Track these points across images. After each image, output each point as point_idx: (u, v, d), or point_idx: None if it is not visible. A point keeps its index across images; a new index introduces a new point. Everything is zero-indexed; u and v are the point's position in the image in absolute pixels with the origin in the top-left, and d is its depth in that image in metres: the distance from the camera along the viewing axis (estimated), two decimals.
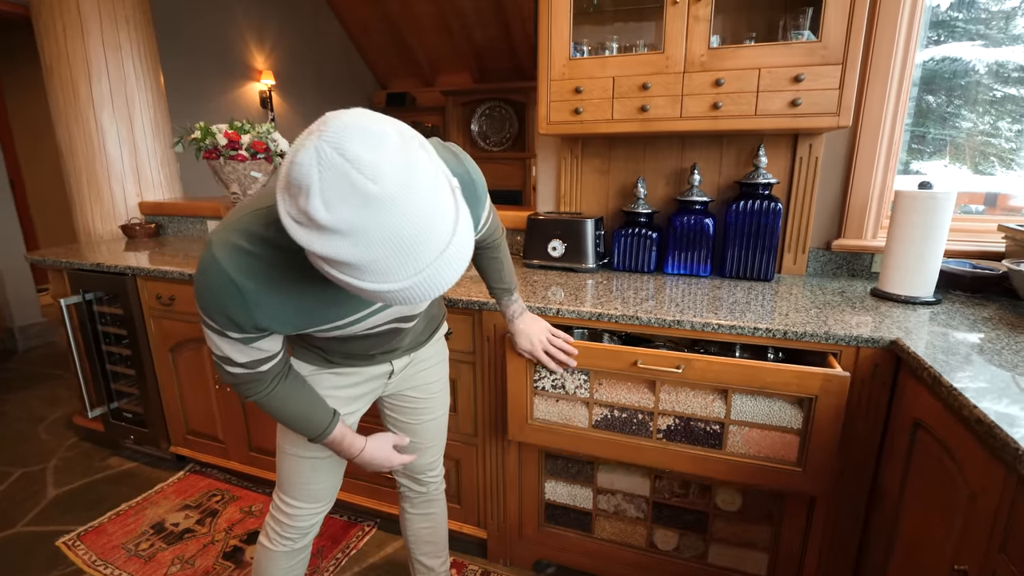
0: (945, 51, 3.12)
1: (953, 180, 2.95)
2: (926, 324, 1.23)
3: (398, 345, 1.09)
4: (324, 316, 0.85)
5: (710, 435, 1.27)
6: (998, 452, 0.75)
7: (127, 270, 1.95)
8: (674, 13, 1.38)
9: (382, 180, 0.55)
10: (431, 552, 1.37)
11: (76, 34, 2.45)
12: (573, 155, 1.81)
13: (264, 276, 0.76)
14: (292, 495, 1.12)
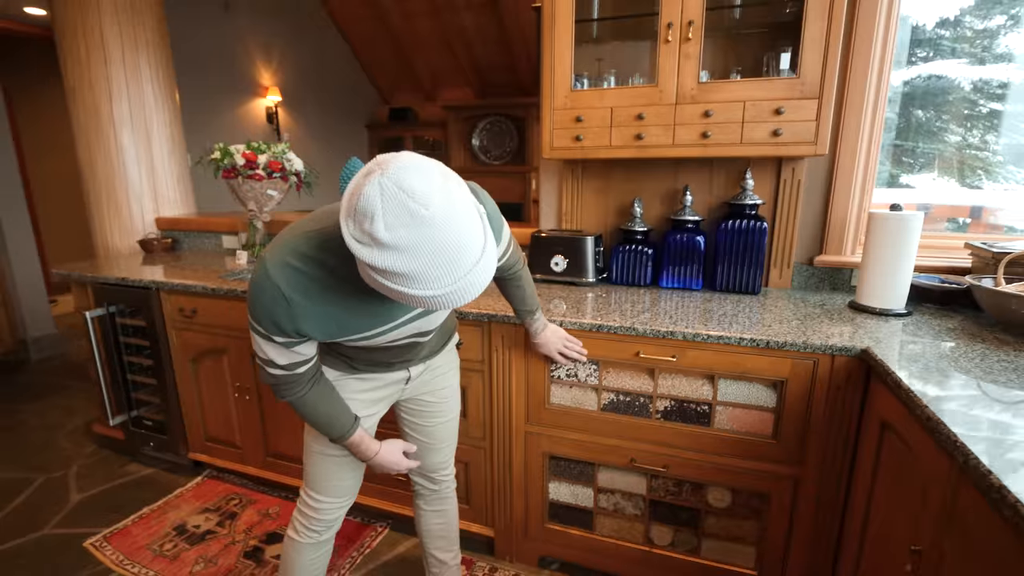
0: (932, 69, 3.28)
1: (941, 192, 3.08)
2: (895, 334, 1.35)
3: (415, 356, 1.21)
4: (356, 326, 0.97)
5: (700, 414, 1.44)
6: (943, 444, 0.87)
7: (151, 284, 2.06)
8: (667, 51, 1.51)
9: (431, 207, 0.69)
10: (443, 546, 1.48)
11: (99, 58, 2.57)
12: (574, 177, 1.94)
13: (308, 290, 0.89)
14: (318, 490, 1.24)
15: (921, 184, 3.36)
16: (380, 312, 0.97)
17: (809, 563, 1.44)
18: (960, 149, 3.03)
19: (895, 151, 3.41)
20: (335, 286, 0.90)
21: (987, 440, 0.83)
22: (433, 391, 1.33)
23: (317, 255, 0.89)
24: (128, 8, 2.59)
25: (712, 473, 1.47)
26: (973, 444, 0.81)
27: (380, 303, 0.96)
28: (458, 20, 5.44)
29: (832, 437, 1.34)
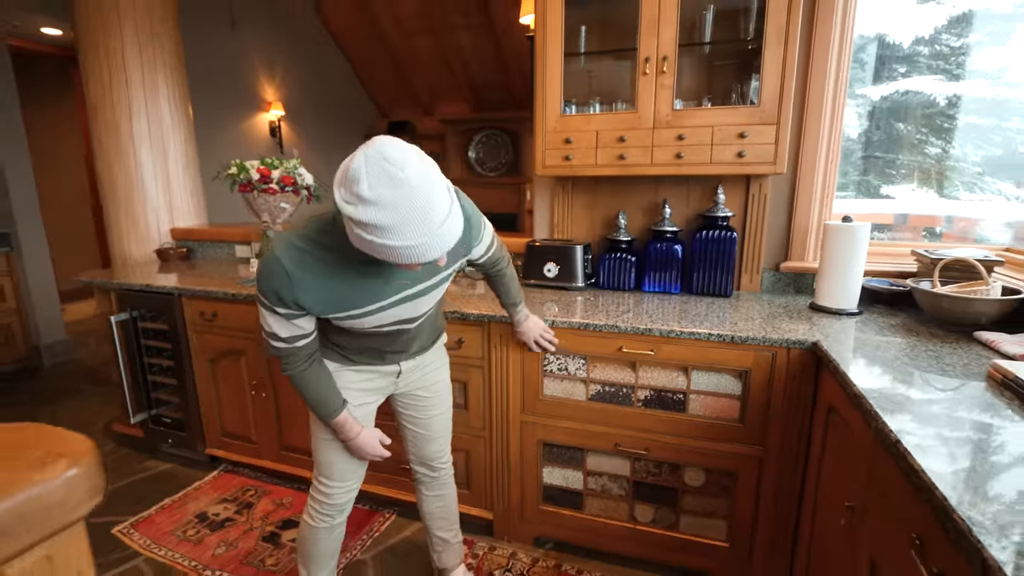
0: (908, 85, 3.51)
1: (919, 203, 3.29)
2: (845, 330, 1.54)
3: (405, 348, 1.35)
4: (348, 301, 1.12)
5: (676, 402, 1.63)
6: (866, 416, 1.06)
7: (174, 290, 2.22)
8: (645, 82, 1.72)
9: (407, 171, 0.88)
10: (444, 527, 1.64)
11: (120, 79, 2.75)
12: (565, 191, 2.14)
13: (307, 266, 1.07)
14: (327, 475, 1.39)
15: (900, 194, 3.57)
16: (369, 290, 1.12)
17: (774, 532, 1.62)
18: (938, 161, 3.25)
19: (876, 163, 3.62)
20: (331, 264, 1.08)
21: (897, 409, 1.02)
22: (425, 386, 1.47)
23: (317, 238, 1.08)
24: (148, 31, 2.77)
25: (688, 455, 1.66)
26: (885, 413, 1.00)
27: (370, 282, 1.11)
28: (455, 40, 5.67)
29: (790, 420, 1.53)
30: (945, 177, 3.24)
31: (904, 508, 0.90)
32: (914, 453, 0.86)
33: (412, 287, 1.18)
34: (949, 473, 0.80)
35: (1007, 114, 2.69)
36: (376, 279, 1.12)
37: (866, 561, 1.06)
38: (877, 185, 3.69)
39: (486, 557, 1.87)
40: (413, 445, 1.54)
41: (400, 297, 1.17)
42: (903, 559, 0.88)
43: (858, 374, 1.21)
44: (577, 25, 1.89)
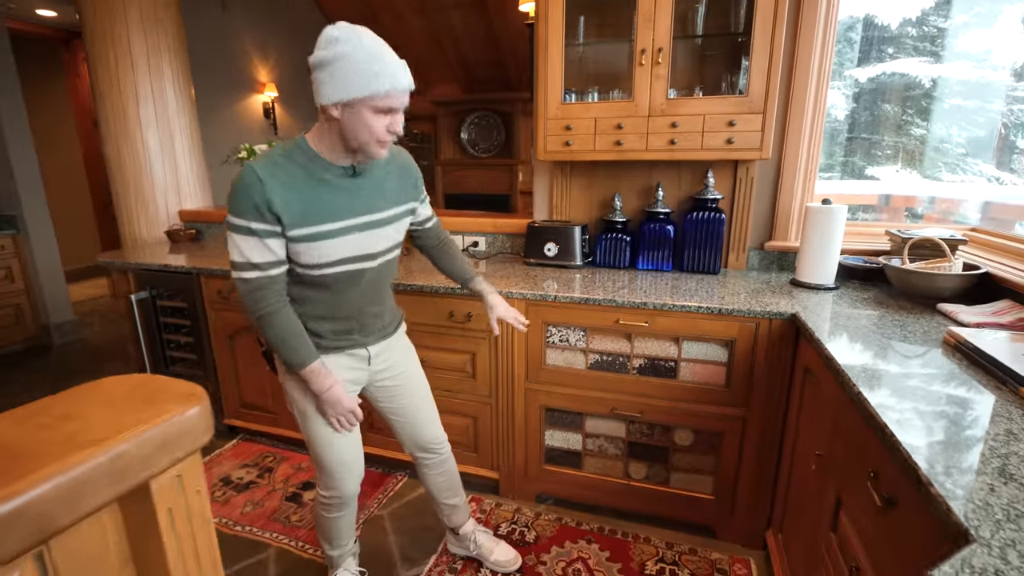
0: (895, 67, 3.63)
1: (903, 183, 3.42)
2: (821, 303, 1.70)
3: (371, 320, 1.39)
4: (315, 213, 1.18)
5: (668, 369, 1.79)
6: (835, 375, 1.22)
7: (193, 269, 2.33)
8: (641, 72, 1.84)
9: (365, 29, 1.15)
10: (450, 494, 1.72)
11: (126, 64, 2.81)
12: (564, 175, 2.26)
13: (276, 174, 1.15)
14: (332, 481, 1.45)
15: (885, 175, 3.72)
16: (335, 204, 1.20)
17: (755, 485, 1.80)
18: (922, 142, 3.38)
19: (862, 144, 3.75)
20: (299, 178, 1.17)
21: (861, 368, 1.18)
22: (395, 374, 1.50)
23: (286, 155, 1.18)
24: (152, 18, 2.82)
25: (678, 417, 1.82)
26: (851, 371, 1.16)
27: (336, 196, 1.21)
28: (447, 19, 5.69)
29: (771, 384, 1.69)
30: (927, 158, 3.38)
31: (863, 448, 1.07)
32: (872, 402, 1.02)
33: (372, 213, 1.27)
34: (899, 418, 0.96)
35: (991, 96, 2.81)
36: (340, 193, 1.21)
37: (832, 499, 1.22)
38: (862, 166, 3.83)
39: (493, 512, 2.04)
40: (404, 434, 1.59)
41: (362, 222, 1.24)
42: (861, 491, 1.05)
43: (830, 340, 1.37)
44: (576, 16, 2.00)
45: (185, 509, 0.70)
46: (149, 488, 0.65)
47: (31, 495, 0.52)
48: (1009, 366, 1.09)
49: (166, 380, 0.72)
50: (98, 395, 0.68)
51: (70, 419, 0.63)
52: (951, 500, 0.73)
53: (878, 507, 0.95)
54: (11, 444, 0.59)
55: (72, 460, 0.55)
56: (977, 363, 1.19)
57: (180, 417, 0.66)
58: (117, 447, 0.59)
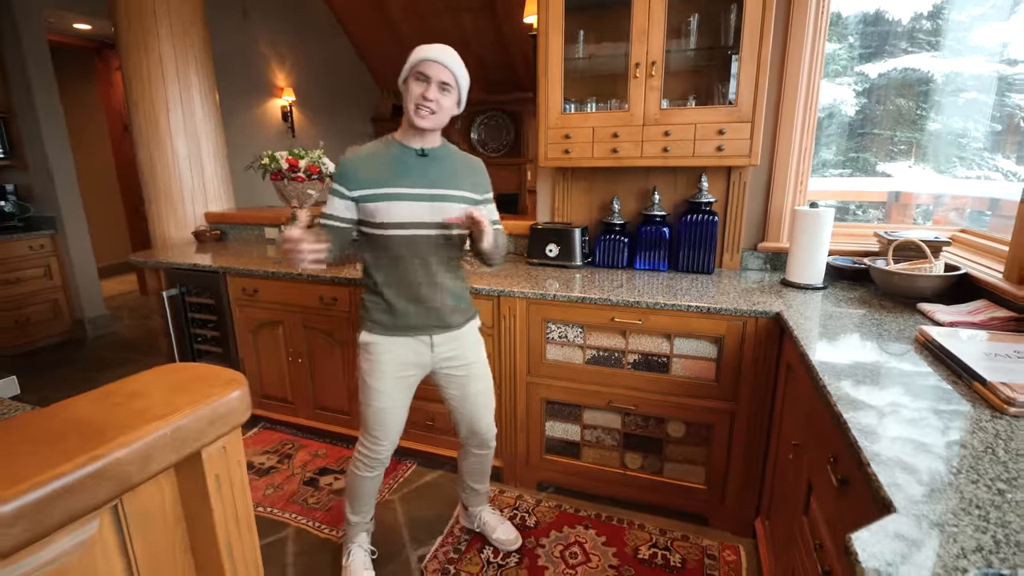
0: (906, 62, 3.67)
1: (915, 180, 3.44)
2: (807, 303, 1.80)
3: (435, 304, 1.55)
4: (381, 179, 1.47)
5: (661, 364, 1.90)
6: (807, 370, 1.32)
7: (220, 268, 2.50)
8: (635, 84, 1.95)
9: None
10: (478, 480, 1.89)
11: (158, 75, 2.98)
12: (565, 179, 2.38)
13: (357, 154, 1.51)
14: (374, 436, 1.64)
15: (897, 171, 3.74)
16: (397, 172, 1.48)
17: (744, 474, 1.91)
18: (936, 137, 3.39)
19: (873, 140, 3.77)
20: (373, 153, 1.51)
21: (832, 363, 1.29)
22: (460, 365, 1.65)
23: (376, 143, 1.55)
24: (181, 31, 2.99)
25: (671, 410, 1.93)
26: (821, 366, 1.27)
27: (398, 166, 1.48)
28: (458, 22, 5.82)
29: (758, 379, 1.80)
30: (941, 153, 3.39)
31: (827, 436, 1.18)
32: (832, 393, 1.13)
33: (435, 188, 1.50)
34: (855, 407, 1.07)
35: (1007, 90, 2.83)
36: (410, 169, 1.49)
37: (805, 484, 1.33)
38: (874, 162, 3.86)
39: (496, 499, 2.18)
40: (462, 422, 1.73)
41: (420, 191, 1.49)
42: (824, 475, 1.16)
43: (807, 337, 1.48)
44: (575, 30, 2.11)
45: (228, 476, 0.84)
46: (200, 456, 0.79)
47: (115, 455, 0.66)
48: (966, 363, 1.19)
49: (213, 368, 0.86)
50: (158, 379, 0.82)
51: (137, 398, 0.78)
52: (882, 477, 0.84)
53: (836, 489, 1.06)
54: (93, 418, 0.73)
55: (143, 431, 0.70)
56: (941, 360, 1.29)
57: (226, 398, 0.80)
58: (177, 421, 0.73)
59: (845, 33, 3.67)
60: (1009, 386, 1.03)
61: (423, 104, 1.42)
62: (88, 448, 0.64)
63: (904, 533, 0.73)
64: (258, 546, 0.89)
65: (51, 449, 0.65)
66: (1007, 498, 0.77)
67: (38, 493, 0.58)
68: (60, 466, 0.61)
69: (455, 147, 1.62)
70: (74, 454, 0.63)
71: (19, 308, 3.76)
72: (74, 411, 0.75)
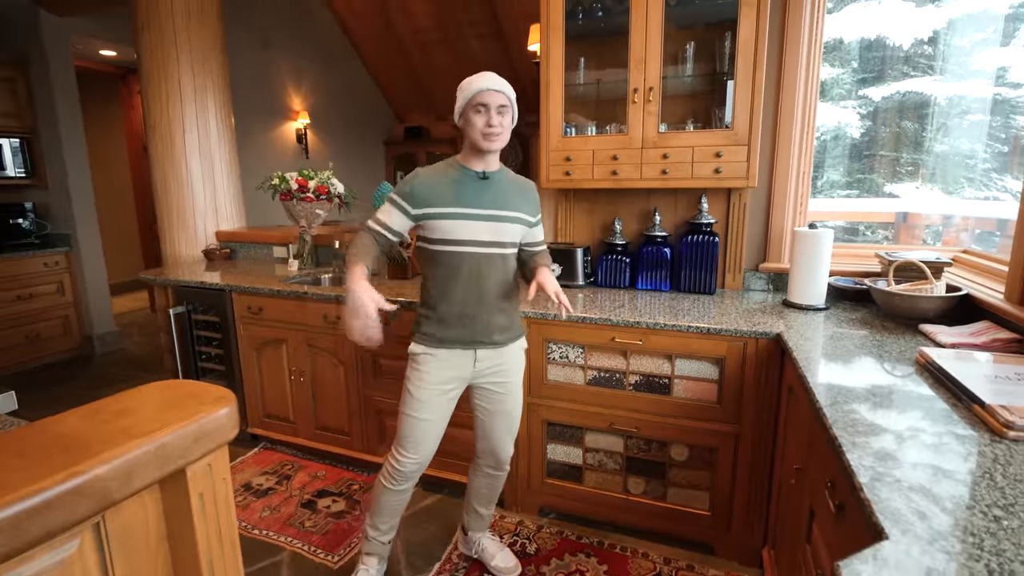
0: (909, 85, 3.67)
1: (922, 201, 3.43)
2: (809, 324, 1.79)
3: (484, 319, 1.59)
4: (443, 198, 1.54)
5: (662, 386, 1.89)
6: (807, 391, 1.30)
7: (226, 287, 2.53)
8: (634, 108, 1.97)
9: None
10: (484, 503, 1.88)
11: (176, 99, 3.07)
12: (567, 200, 2.40)
13: (425, 175, 1.58)
14: (404, 447, 1.64)
15: (905, 192, 3.73)
16: (459, 193, 1.55)
17: (749, 500, 1.86)
18: (943, 158, 3.38)
19: (880, 161, 3.76)
20: (441, 179, 1.57)
21: (830, 385, 1.27)
22: (500, 383, 1.68)
23: (441, 165, 1.62)
24: (200, 59, 3.09)
25: (673, 432, 1.91)
26: (819, 388, 1.25)
27: (460, 188, 1.55)
28: (468, 48, 5.94)
29: (760, 401, 1.77)
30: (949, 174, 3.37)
31: (825, 460, 1.15)
32: (828, 415, 1.11)
33: (494, 209, 1.57)
34: (852, 431, 1.05)
35: (1011, 112, 2.84)
36: (470, 189, 1.56)
37: (807, 510, 1.30)
38: (881, 183, 3.84)
39: (497, 524, 2.14)
40: (483, 439, 1.76)
41: (482, 212, 1.55)
42: (823, 501, 1.13)
43: (807, 358, 1.46)
44: (576, 58, 2.15)
45: (213, 494, 0.84)
46: (185, 473, 0.79)
47: (96, 472, 0.66)
48: (966, 385, 1.17)
49: (202, 385, 0.86)
50: (146, 396, 0.83)
51: (124, 415, 0.78)
52: (875, 504, 0.82)
53: (834, 514, 1.04)
54: (79, 434, 0.74)
55: (126, 447, 0.70)
56: (941, 382, 1.27)
57: (213, 416, 0.80)
58: (162, 438, 0.73)
59: (848, 58, 3.70)
60: (1008, 409, 1.01)
61: (490, 132, 1.51)
62: (69, 464, 0.65)
63: (896, 561, 0.71)
64: (241, 566, 0.88)
65: (33, 464, 0.65)
66: (1003, 525, 0.75)
67: (15, 508, 0.58)
68: (39, 481, 0.61)
69: (510, 170, 1.69)
70: (55, 470, 0.64)
71: (30, 324, 3.83)
72: (61, 427, 0.75)
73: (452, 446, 2.05)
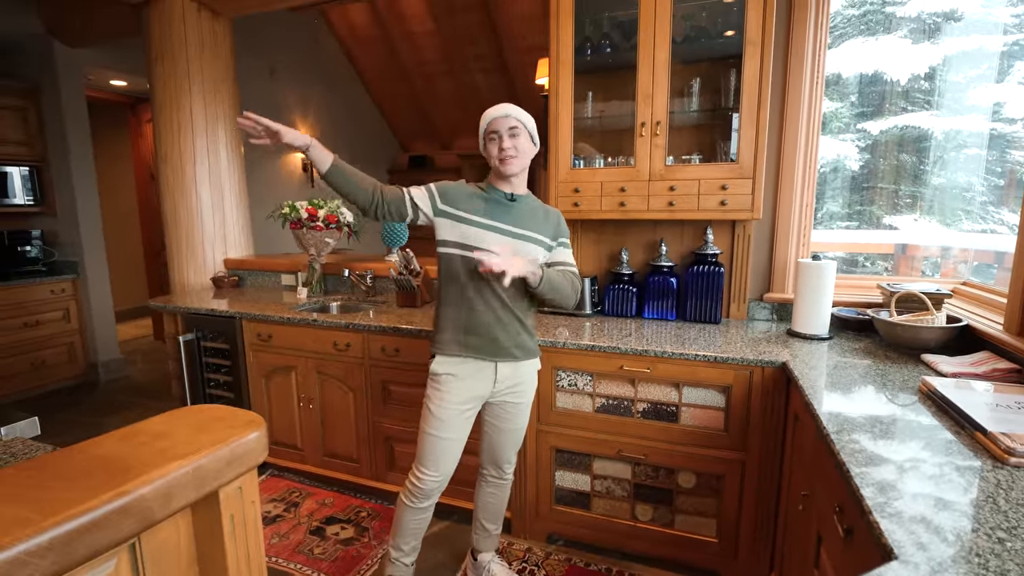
0: (907, 120, 3.78)
1: (920, 233, 3.50)
2: (813, 353, 1.82)
3: (502, 336, 1.64)
4: (466, 205, 1.64)
5: (670, 414, 1.91)
6: (813, 419, 1.33)
7: (236, 314, 2.56)
8: (641, 142, 2.05)
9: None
10: (490, 519, 1.91)
11: (187, 130, 3.16)
12: (575, 231, 2.45)
13: (462, 186, 1.70)
14: (424, 465, 1.68)
15: (903, 224, 3.80)
16: (480, 207, 1.64)
17: (756, 527, 1.87)
18: (941, 191, 3.46)
19: (879, 193, 3.84)
20: (475, 194, 1.68)
21: (836, 412, 1.30)
22: (515, 402, 1.74)
23: (475, 184, 1.74)
24: (212, 90, 3.19)
25: (681, 460, 1.92)
26: (825, 415, 1.28)
27: (488, 208, 1.64)
28: (472, 80, 6.11)
29: (766, 428, 1.79)
30: (947, 208, 3.45)
31: (833, 486, 1.18)
32: (836, 441, 1.14)
33: (515, 227, 1.65)
34: (859, 457, 1.08)
35: (1006, 147, 2.93)
36: (496, 207, 1.65)
37: (814, 536, 1.32)
38: (879, 215, 3.92)
39: (505, 551, 2.14)
40: (488, 450, 1.82)
41: (506, 227, 1.63)
42: (831, 525, 1.15)
43: (813, 387, 1.49)
44: (585, 91, 2.23)
45: (243, 517, 0.86)
46: (218, 495, 0.82)
47: (140, 492, 0.69)
48: (968, 413, 1.20)
49: (233, 410, 0.90)
50: (182, 420, 0.86)
51: (161, 438, 0.81)
52: (884, 525, 0.85)
53: (842, 538, 1.06)
54: (119, 456, 0.77)
55: (166, 469, 0.73)
56: (944, 410, 1.30)
57: (244, 439, 0.83)
58: (198, 460, 0.76)
59: (846, 92, 3.82)
60: (1010, 436, 1.03)
61: (504, 155, 1.61)
62: (114, 484, 0.67)
63: None
64: None
65: (79, 485, 0.68)
66: (1007, 547, 0.77)
67: (70, 525, 0.61)
68: (88, 501, 0.64)
69: (536, 198, 1.78)
70: (101, 490, 0.66)
71: (36, 351, 3.84)
72: (100, 449, 0.78)
73: (461, 473, 2.04)
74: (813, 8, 2.04)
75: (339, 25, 5.93)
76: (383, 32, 5.81)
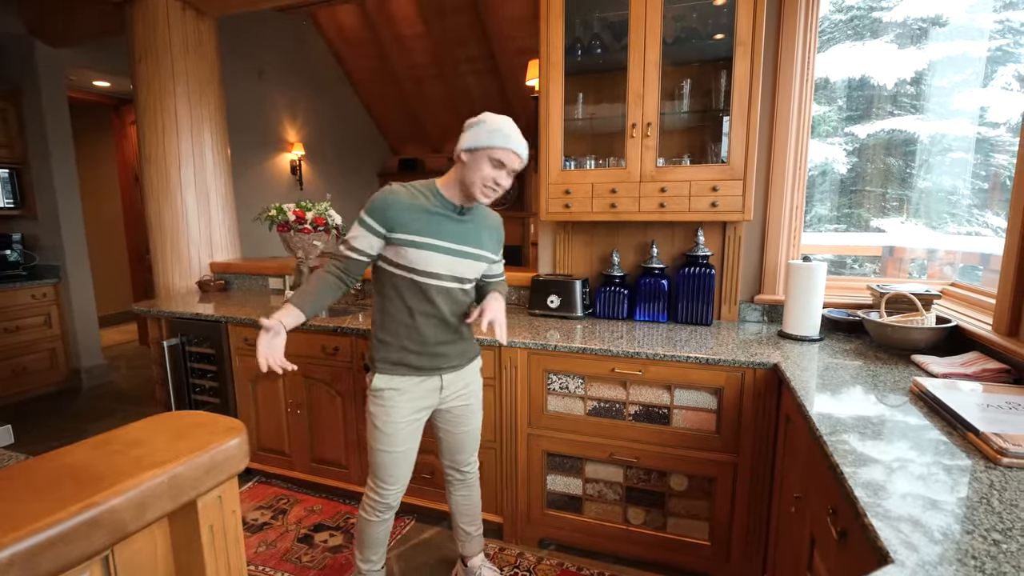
0: (893, 124, 3.81)
1: (907, 235, 3.53)
2: (804, 354, 1.81)
3: (450, 349, 1.63)
4: (417, 227, 1.51)
5: (662, 416, 1.89)
6: (805, 420, 1.32)
7: (222, 318, 2.52)
8: (632, 143, 2.03)
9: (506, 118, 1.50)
10: (468, 520, 1.89)
11: (172, 132, 3.11)
12: (566, 232, 2.44)
13: (402, 198, 1.52)
14: (380, 478, 1.65)
15: (891, 227, 3.84)
16: (432, 226, 1.52)
17: (748, 530, 1.86)
18: (927, 194, 3.50)
19: (866, 196, 3.88)
20: (418, 202, 1.53)
21: (828, 414, 1.29)
22: (465, 405, 1.74)
23: (417, 187, 1.57)
24: (197, 92, 3.14)
25: (672, 462, 1.91)
26: (817, 416, 1.27)
27: (436, 221, 1.53)
28: (462, 83, 6.10)
29: (758, 430, 1.78)
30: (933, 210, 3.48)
31: (826, 488, 1.16)
32: (828, 443, 1.13)
33: (464, 245, 1.57)
34: (852, 458, 1.06)
35: (989, 150, 2.96)
36: (445, 223, 1.54)
37: (807, 538, 1.31)
38: (867, 218, 3.95)
39: (496, 557, 2.11)
40: (447, 452, 1.81)
41: (452, 247, 1.54)
42: (824, 528, 1.14)
43: (805, 388, 1.48)
44: (575, 93, 2.22)
45: (222, 527, 0.83)
46: (196, 505, 0.78)
47: (111, 503, 0.66)
48: (960, 414, 1.19)
49: (212, 416, 0.87)
50: (160, 426, 0.82)
51: (136, 446, 0.78)
52: (879, 528, 0.83)
53: (836, 541, 1.04)
54: (91, 465, 0.74)
55: (140, 478, 0.70)
56: (935, 411, 1.29)
57: (224, 446, 0.80)
58: (174, 469, 0.73)
59: (834, 96, 3.85)
60: (1002, 436, 1.03)
61: (494, 188, 1.51)
62: (84, 495, 0.64)
63: None
64: None
65: (47, 496, 0.64)
66: (1002, 548, 0.76)
67: (33, 540, 0.58)
68: (55, 513, 0.61)
69: (484, 206, 1.67)
70: (69, 501, 0.63)
71: (16, 357, 3.76)
72: (72, 458, 0.75)
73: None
74: (803, 10, 2.04)
75: (328, 27, 5.90)
76: (372, 34, 5.78)
